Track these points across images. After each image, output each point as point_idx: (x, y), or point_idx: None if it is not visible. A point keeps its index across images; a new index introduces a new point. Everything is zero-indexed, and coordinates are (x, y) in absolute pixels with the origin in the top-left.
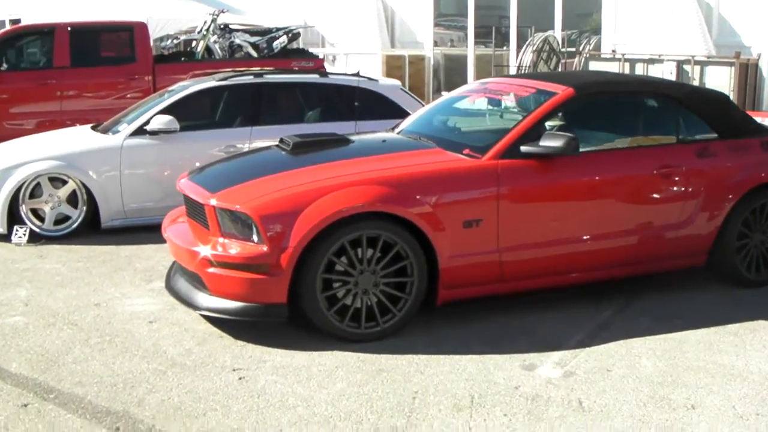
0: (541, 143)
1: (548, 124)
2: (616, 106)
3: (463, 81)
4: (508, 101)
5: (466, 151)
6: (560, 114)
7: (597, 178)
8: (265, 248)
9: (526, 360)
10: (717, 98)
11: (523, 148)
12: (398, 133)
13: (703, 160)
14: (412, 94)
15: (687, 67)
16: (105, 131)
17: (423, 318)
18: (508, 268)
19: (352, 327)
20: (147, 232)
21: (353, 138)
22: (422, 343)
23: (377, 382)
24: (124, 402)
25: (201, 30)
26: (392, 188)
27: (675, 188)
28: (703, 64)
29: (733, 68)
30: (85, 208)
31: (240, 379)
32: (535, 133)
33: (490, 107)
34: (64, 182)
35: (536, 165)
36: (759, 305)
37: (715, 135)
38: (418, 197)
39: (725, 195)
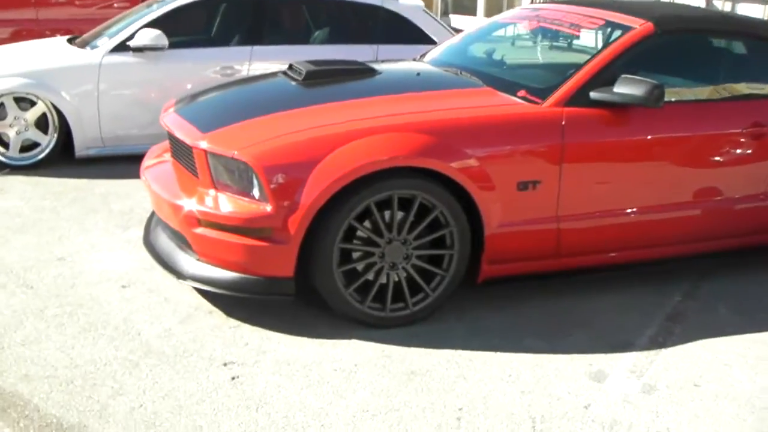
0: (617, 90)
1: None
2: (701, 48)
3: (473, 4)
4: (567, 33)
5: (522, 93)
6: (635, 54)
7: (679, 135)
8: (268, 207)
9: (593, 364)
10: None
11: (594, 95)
12: (430, 64)
13: None
14: (437, 18)
15: (717, 3)
16: (83, 45)
17: (455, 299)
18: (567, 240)
19: (375, 309)
20: (127, 163)
21: (379, 68)
22: (460, 333)
23: (410, 391)
24: (81, 410)
25: None
26: (434, 137)
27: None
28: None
29: (766, 7)
30: (56, 134)
31: (233, 379)
32: (607, 76)
33: (540, 39)
34: (33, 103)
35: (608, 116)
36: None
37: None
38: (465, 150)
39: None
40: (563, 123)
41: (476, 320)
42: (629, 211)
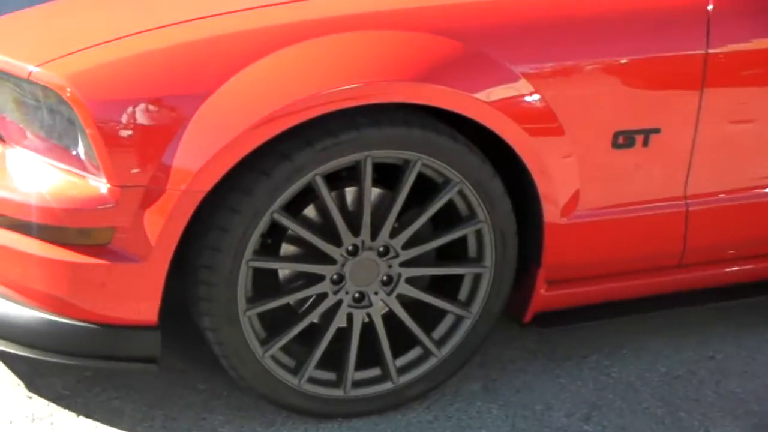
0: None
1: None
2: None
3: None
4: None
5: None
6: None
7: None
8: (104, 186)
9: None
10: None
11: None
12: None
13: None
14: None
15: None
16: None
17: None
18: (698, 236)
19: (323, 384)
20: None
21: None
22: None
23: None
24: None
25: None
26: (445, 41)
27: None
28: None
29: None
30: None
31: None
32: None
33: None
34: None
35: None
36: None
37: None
38: (508, 67)
39: None
40: (709, 8)
41: (524, 393)
42: None
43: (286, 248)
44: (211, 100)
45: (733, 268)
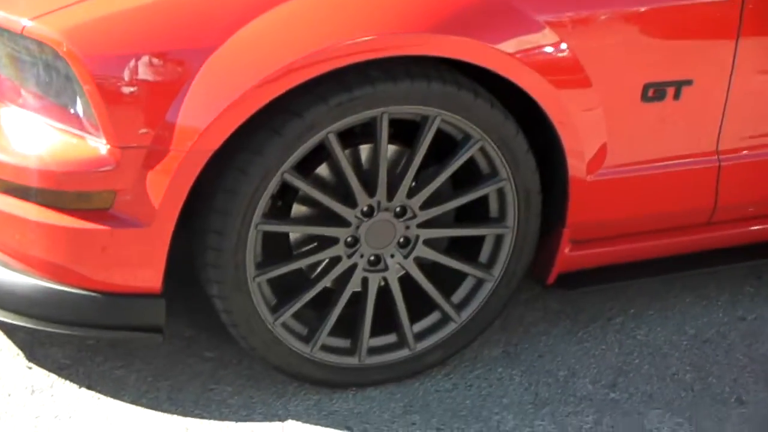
0: None
1: None
2: None
3: None
4: None
5: None
6: None
7: None
8: (103, 146)
9: None
10: None
11: None
12: None
13: None
14: None
15: None
16: None
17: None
18: (730, 191)
19: (336, 351)
20: None
21: None
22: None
23: None
24: None
25: None
26: None
27: None
28: None
29: None
30: None
31: None
32: None
33: None
34: None
35: None
36: None
37: None
38: (532, 16)
39: None
40: None
41: (547, 358)
42: None
43: (298, 210)
44: (217, 54)
45: (765, 226)
